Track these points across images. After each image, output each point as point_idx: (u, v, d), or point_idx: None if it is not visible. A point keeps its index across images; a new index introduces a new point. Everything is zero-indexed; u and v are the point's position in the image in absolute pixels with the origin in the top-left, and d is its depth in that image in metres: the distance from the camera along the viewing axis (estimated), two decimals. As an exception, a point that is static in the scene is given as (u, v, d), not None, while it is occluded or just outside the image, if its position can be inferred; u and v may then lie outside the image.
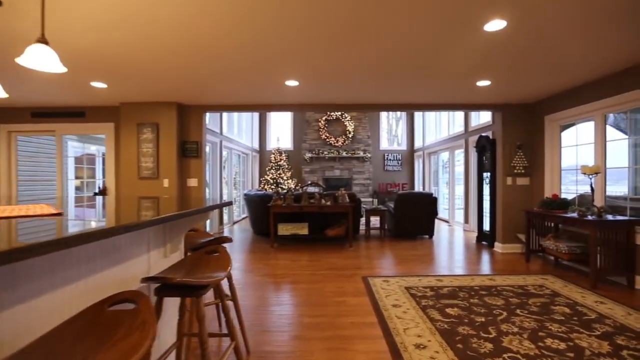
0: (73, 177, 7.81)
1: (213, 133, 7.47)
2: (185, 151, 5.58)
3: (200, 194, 5.62)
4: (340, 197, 6.28)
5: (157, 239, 2.01)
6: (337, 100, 5.39)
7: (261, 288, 3.93)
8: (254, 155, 11.39)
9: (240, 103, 5.58)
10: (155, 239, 1.98)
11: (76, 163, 8.31)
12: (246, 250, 5.92)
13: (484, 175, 6.34)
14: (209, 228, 7.54)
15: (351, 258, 5.32)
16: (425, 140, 10.82)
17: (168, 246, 2.12)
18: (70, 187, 7.19)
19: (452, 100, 5.39)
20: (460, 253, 5.65)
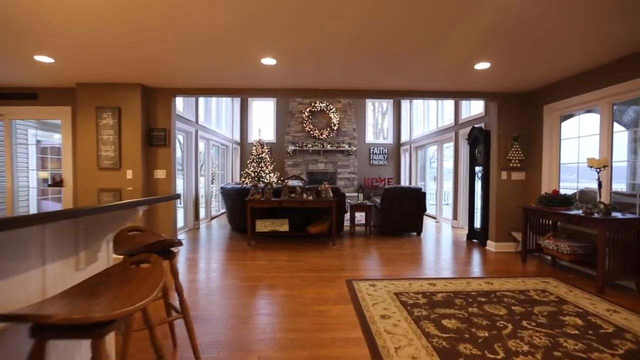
0: (35, 168, 7.06)
1: (187, 122, 6.84)
2: (152, 139, 4.96)
3: (169, 186, 5.02)
4: (324, 192, 5.77)
5: (60, 245, 1.44)
6: (320, 84, 4.85)
7: (231, 294, 3.39)
8: (234, 147, 10.76)
9: (214, 86, 4.98)
10: (56, 245, 1.41)
11: (42, 153, 7.56)
12: (221, 249, 5.36)
13: (476, 170, 5.92)
14: (182, 224, 6.94)
15: (334, 258, 4.83)
16: (412, 133, 10.40)
17: (82, 255, 1.55)
18: (32, 178, 6.47)
19: (445, 86, 4.92)
20: (452, 252, 5.22)
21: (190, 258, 4.80)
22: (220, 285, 3.66)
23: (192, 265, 4.48)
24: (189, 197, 7.04)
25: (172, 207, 5.04)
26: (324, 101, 10.92)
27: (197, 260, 4.71)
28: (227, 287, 3.60)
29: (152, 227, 4.99)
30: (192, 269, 4.28)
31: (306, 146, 10.80)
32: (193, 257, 4.84)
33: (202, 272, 4.14)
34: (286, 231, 5.80)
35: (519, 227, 5.20)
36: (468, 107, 7.21)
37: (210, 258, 4.81)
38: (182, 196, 7.06)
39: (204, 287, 3.61)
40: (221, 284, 3.69)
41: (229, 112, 10.25)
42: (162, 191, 5.01)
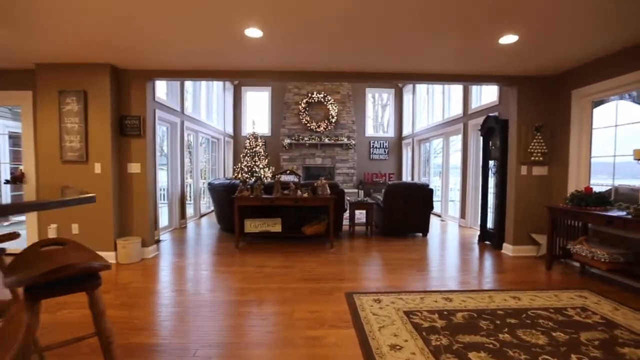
0: (8, 161, 6.42)
1: (172, 111, 6.19)
2: (125, 128, 4.31)
3: (144, 182, 4.38)
4: (320, 188, 5.15)
5: None
6: (314, 65, 4.20)
7: (207, 314, 2.77)
8: (227, 140, 10.10)
9: (195, 68, 4.33)
10: None
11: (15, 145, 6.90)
12: (205, 252, 4.74)
13: (489, 164, 5.31)
14: (166, 223, 6.32)
15: (332, 263, 4.22)
16: (415, 126, 9.76)
17: None
18: (5, 171, 5.82)
19: (459, 68, 4.29)
20: (464, 257, 4.62)
21: (168, 264, 4.18)
22: (195, 302, 3.04)
23: (167, 273, 3.86)
24: (174, 193, 6.41)
25: (148, 204, 4.41)
26: (322, 92, 10.26)
27: (174, 266, 4.09)
28: (204, 304, 2.98)
29: (125, 229, 4.37)
30: (166, 279, 3.66)
31: (303, 139, 10.15)
32: (171, 263, 4.22)
33: (176, 283, 3.52)
34: (279, 232, 5.19)
35: (539, 229, 4.60)
36: (478, 95, 6.58)
37: (190, 264, 4.19)
38: (166, 192, 6.44)
39: (174, 304, 2.99)
40: (197, 300, 3.07)
41: (221, 103, 9.59)
42: (137, 188, 4.38)
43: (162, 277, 3.71)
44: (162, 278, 3.66)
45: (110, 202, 4.15)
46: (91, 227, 4.15)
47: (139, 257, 4.26)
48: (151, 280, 3.60)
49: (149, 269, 3.99)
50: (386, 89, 11.04)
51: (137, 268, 4.00)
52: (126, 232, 4.37)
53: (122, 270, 3.93)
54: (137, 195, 4.37)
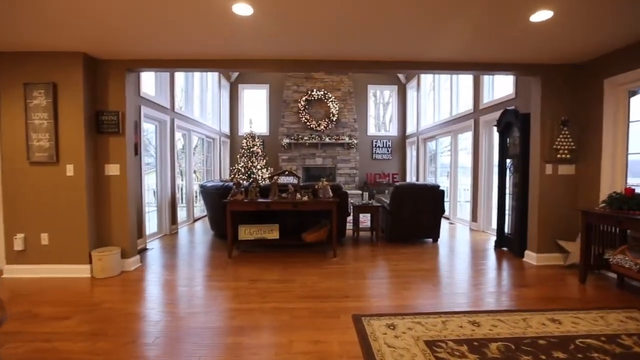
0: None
1: (160, 108, 5.69)
2: (101, 125, 3.80)
3: (124, 185, 3.87)
4: (322, 191, 4.64)
5: None
6: (310, 52, 3.70)
7: (183, 347, 2.25)
8: (223, 140, 9.60)
9: (180, 56, 3.82)
10: None
11: None
12: (192, 263, 4.23)
13: (507, 163, 4.80)
14: (155, 229, 5.81)
15: (336, 276, 3.71)
16: (419, 124, 9.25)
17: None
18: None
19: (474, 56, 3.78)
20: (483, 267, 4.11)
21: (150, 278, 3.67)
22: (173, 329, 2.52)
23: (147, 290, 3.35)
24: (164, 196, 5.90)
25: (128, 210, 3.89)
26: (322, 89, 9.76)
27: (156, 281, 3.58)
28: (184, 333, 2.47)
29: (102, 238, 3.86)
30: (144, 298, 3.15)
31: (302, 139, 9.64)
32: (153, 277, 3.71)
33: (154, 304, 3.01)
34: (276, 239, 4.68)
35: (567, 235, 4.09)
36: (490, 89, 6.07)
37: (175, 278, 3.69)
38: (155, 196, 5.93)
39: (146, 333, 2.48)
40: (176, 327, 2.56)
41: (216, 101, 9.08)
42: (116, 192, 3.87)
43: (139, 295, 3.20)
44: (139, 297, 3.15)
45: (84, 208, 3.64)
46: (63, 237, 3.65)
47: (118, 269, 3.75)
48: (127, 299, 3.09)
49: (128, 284, 3.48)
50: (388, 86, 10.53)
51: (114, 283, 3.49)
52: (104, 242, 3.86)
53: (97, 286, 3.42)
54: (116, 201, 3.86)
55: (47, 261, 3.64)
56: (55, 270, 3.64)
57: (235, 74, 10.08)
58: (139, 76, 4.93)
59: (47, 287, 3.36)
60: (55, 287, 3.36)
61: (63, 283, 3.45)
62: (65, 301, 2.98)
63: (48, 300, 3.04)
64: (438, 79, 8.38)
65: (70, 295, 3.12)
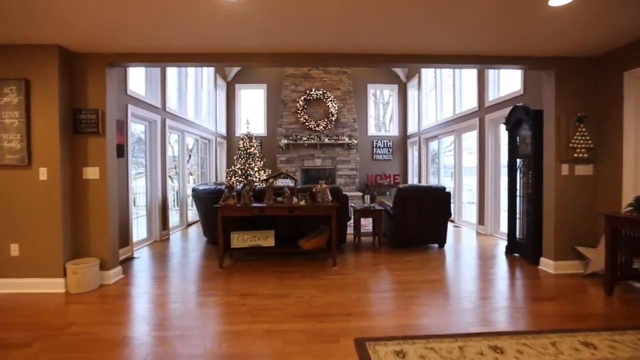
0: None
1: (151, 107, 5.34)
2: (79, 124, 3.45)
3: (104, 190, 3.51)
4: (320, 194, 4.29)
5: None
6: (307, 45, 3.35)
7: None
8: (219, 141, 9.25)
9: (166, 50, 3.47)
10: None
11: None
12: (180, 274, 3.87)
13: (517, 163, 4.45)
14: (144, 235, 5.45)
15: (336, 289, 3.35)
16: (421, 123, 8.90)
17: None
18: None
19: (482, 47, 3.43)
20: (496, 277, 3.75)
21: (130, 293, 3.31)
22: (144, 358, 2.17)
23: (124, 308, 2.98)
24: (154, 200, 5.54)
25: (109, 217, 3.53)
26: (321, 88, 9.41)
27: (137, 297, 3.22)
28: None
29: (80, 249, 3.50)
30: (120, 318, 2.78)
31: (301, 139, 9.29)
32: (134, 292, 3.34)
33: (130, 325, 2.64)
34: (271, 246, 4.32)
35: (586, 240, 3.74)
36: (496, 86, 5.73)
37: (159, 292, 3.33)
38: (145, 200, 5.57)
39: (120, 362, 2.12)
40: (146, 353, 2.20)
41: (212, 100, 8.73)
42: (95, 197, 3.51)
43: (115, 314, 2.83)
44: (114, 316, 2.78)
45: (59, 215, 3.27)
46: (35, 248, 3.28)
47: (96, 283, 3.39)
48: (100, 319, 2.72)
49: (105, 300, 3.11)
50: (388, 85, 10.19)
51: (90, 300, 3.13)
52: (82, 253, 3.50)
53: (71, 303, 3.06)
54: (96, 207, 3.50)
55: (17, 275, 3.27)
56: (26, 285, 3.27)
57: (232, 73, 9.73)
58: (126, 73, 4.59)
59: (12, 305, 2.99)
60: (22, 305, 2.99)
61: (31, 300, 3.09)
62: (28, 323, 2.62)
63: (7, 321, 2.67)
64: (440, 76, 8.04)
65: (36, 316, 2.76)
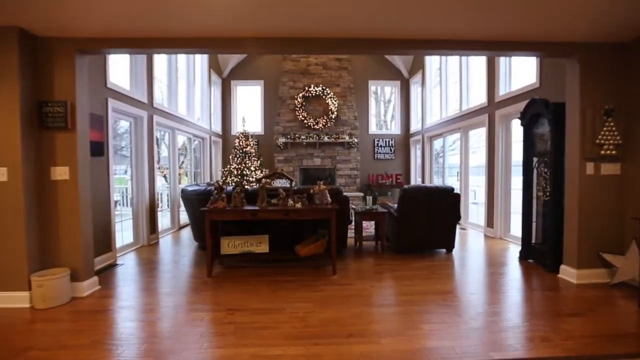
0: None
1: (136, 103, 4.95)
2: (45, 118, 3.05)
3: (75, 192, 3.11)
4: (318, 195, 3.90)
5: None
6: (301, 28, 2.96)
7: None
8: (214, 140, 8.86)
9: (146, 34, 3.07)
10: None
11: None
12: (164, 283, 3.48)
13: (534, 161, 4.05)
14: (131, 239, 5.07)
15: (336, 302, 2.96)
16: (425, 121, 8.51)
17: None
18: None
19: (498, 31, 3.04)
20: (513, 287, 3.35)
21: (105, 307, 2.91)
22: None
23: (94, 326, 2.58)
24: (141, 202, 5.15)
25: (80, 222, 3.13)
26: (320, 85, 9.02)
27: (111, 312, 2.82)
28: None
29: (49, 258, 3.10)
30: (87, 339, 2.37)
31: (299, 138, 8.90)
32: (109, 306, 2.95)
33: (93, 349, 2.24)
34: (265, 252, 3.93)
35: (612, 247, 3.36)
36: (507, 80, 5.33)
37: (136, 306, 2.93)
38: (131, 202, 5.18)
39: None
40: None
41: (206, 97, 8.34)
42: (65, 200, 3.11)
43: (82, 335, 2.43)
44: (80, 338, 2.38)
45: (23, 221, 2.88)
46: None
47: (67, 296, 3.00)
48: (64, 341, 2.33)
49: (73, 318, 2.72)
50: (390, 81, 9.79)
51: (57, 316, 2.73)
52: (51, 262, 3.11)
53: (35, 320, 2.67)
54: (66, 211, 3.10)
55: (-26, 289, 2.89)
56: (-16, 300, 2.89)
57: (228, 69, 9.34)
58: (105, 64, 4.20)
59: (-33, 323, 2.61)
60: (-25, 324, 2.60)
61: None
62: (-26, 349, 2.23)
63: (-43, 345, 2.29)
64: (445, 71, 7.64)
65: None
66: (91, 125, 3.90)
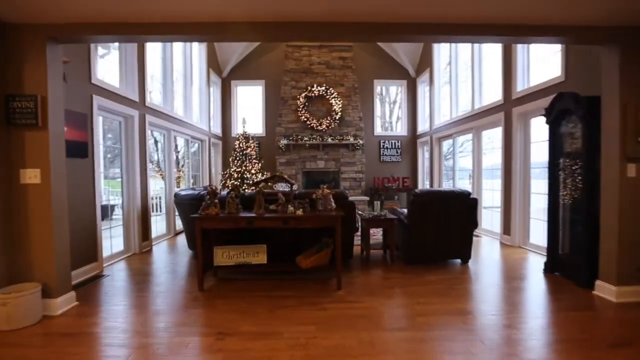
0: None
1: (124, 101, 4.60)
2: (12, 115, 2.69)
3: (47, 197, 2.75)
4: (321, 201, 3.50)
5: None
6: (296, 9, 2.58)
7: None
8: (214, 142, 8.51)
9: (127, 19, 2.71)
10: None
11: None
12: (149, 299, 3.10)
13: (560, 163, 3.64)
14: (121, 247, 4.71)
15: (341, 325, 2.55)
16: (433, 121, 8.10)
17: None
18: None
19: (515, 11, 2.65)
20: (543, 306, 2.94)
21: (76, 328, 2.53)
22: None
23: (60, 349, 2.20)
24: (132, 208, 4.78)
25: (52, 229, 2.77)
26: (323, 84, 8.64)
27: (83, 334, 2.44)
28: None
29: (17, 272, 2.73)
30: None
31: (302, 139, 8.51)
32: (82, 326, 2.56)
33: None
34: (263, 264, 3.53)
35: (659, 260, 2.92)
36: (525, 74, 4.93)
37: (114, 326, 2.54)
38: (121, 208, 4.82)
39: None
40: None
41: (204, 97, 7.99)
42: (36, 207, 2.74)
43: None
44: (40, 371, 2.02)
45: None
46: (-46, 273, 2.53)
47: (37, 315, 2.62)
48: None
49: (42, 341, 2.35)
50: (396, 80, 9.40)
51: (22, 340, 2.36)
52: (21, 277, 2.74)
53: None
54: (37, 219, 2.74)
55: None
56: (-63, 322, 2.52)
57: (228, 69, 9.00)
58: (90, 58, 3.86)
59: None
60: None
61: (-62, 345, 2.33)
62: None
63: None
64: (455, 68, 7.24)
65: None
66: (73, 124, 3.56)
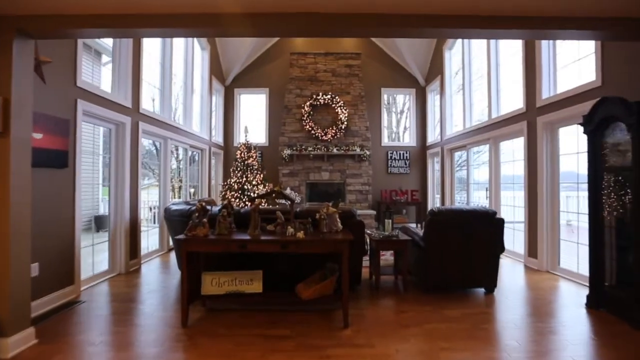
0: None
1: (115, 107, 4.19)
2: (-34, 119, 2.28)
3: (4, 217, 2.30)
4: (326, 220, 3.01)
5: None
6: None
7: None
8: (215, 151, 8.09)
9: (108, 10, 2.31)
10: None
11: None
12: (122, 336, 2.60)
13: (604, 178, 3.12)
14: (105, 267, 4.25)
15: (350, 380, 2.05)
16: (444, 132, 7.62)
17: None
18: None
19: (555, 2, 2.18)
20: (595, 357, 2.40)
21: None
22: None
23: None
24: (120, 222, 4.33)
25: (8, 252, 2.31)
26: (329, 92, 8.23)
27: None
28: None
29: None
30: None
31: (306, 150, 8.07)
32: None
33: None
34: (258, 293, 3.03)
35: None
36: (551, 80, 4.45)
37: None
38: (108, 223, 4.38)
39: None
40: None
41: (206, 105, 7.61)
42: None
43: None
44: None
45: None
46: None
47: (-20, 361, 2.16)
48: None
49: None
50: (404, 89, 8.97)
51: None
52: (-34, 311, 2.28)
53: None
54: (-12, 242, 2.29)
55: None
56: None
57: (231, 76, 8.64)
58: (76, 60, 3.47)
59: None
60: None
61: None
62: None
63: None
64: (469, 75, 6.78)
65: None
66: (52, 131, 3.16)
